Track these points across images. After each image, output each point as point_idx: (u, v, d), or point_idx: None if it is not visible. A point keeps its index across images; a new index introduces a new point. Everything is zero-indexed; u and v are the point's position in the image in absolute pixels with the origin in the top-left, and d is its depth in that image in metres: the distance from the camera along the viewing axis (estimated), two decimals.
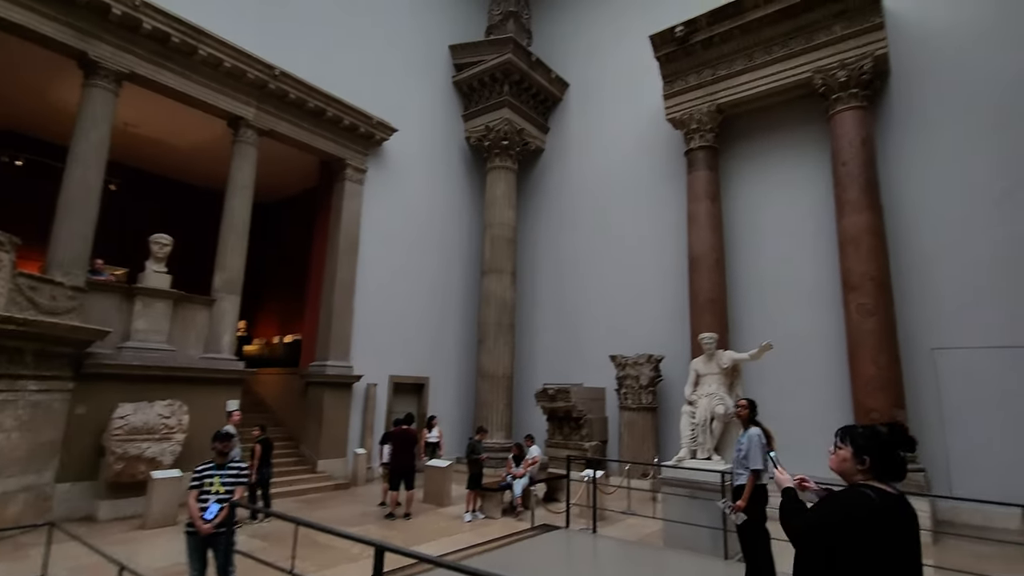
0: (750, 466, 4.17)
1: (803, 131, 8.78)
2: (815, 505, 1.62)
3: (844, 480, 1.67)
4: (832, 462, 1.71)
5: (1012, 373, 6.87)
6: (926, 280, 7.58)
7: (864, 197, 7.52)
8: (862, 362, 7.29)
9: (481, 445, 7.50)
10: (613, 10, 11.82)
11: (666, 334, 9.68)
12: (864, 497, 1.53)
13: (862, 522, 1.47)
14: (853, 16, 7.87)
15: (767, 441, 4.24)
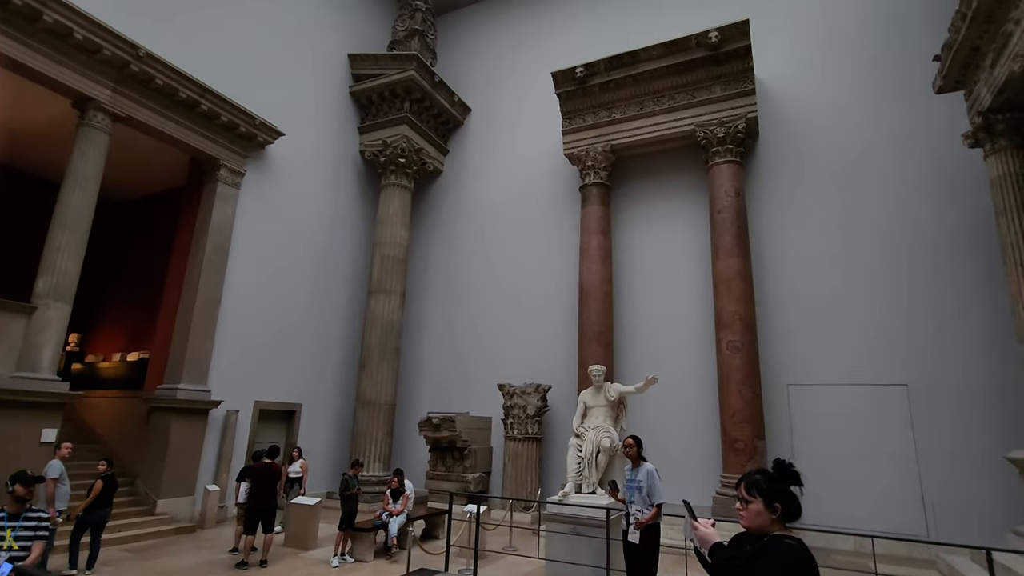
0: (655, 501, 4.34)
1: (687, 177, 9.45)
2: (756, 564, 1.47)
3: (761, 532, 1.57)
4: (745, 519, 1.60)
5: (852, 408, 7.72)
6: (785, 321, 8.37)
7: (736, 243, 8.19)
8: (730, 395, 7.80)
9: (355, 480, 6.87)
10: (513, 41, 12.09)
11: (555, 364, 9.74)
12: (803, 552, 1.46)
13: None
14: (729, 81, 8.68)
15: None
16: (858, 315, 7.94)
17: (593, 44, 10.63)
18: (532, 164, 11.14)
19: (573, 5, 11.64)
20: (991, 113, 6.19)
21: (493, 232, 11.24)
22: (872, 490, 7.39)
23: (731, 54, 8.51)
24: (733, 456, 7.64)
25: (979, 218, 7.28)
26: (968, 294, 7.38)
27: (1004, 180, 6.17)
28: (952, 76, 6.69)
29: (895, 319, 7.73)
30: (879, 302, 7.86)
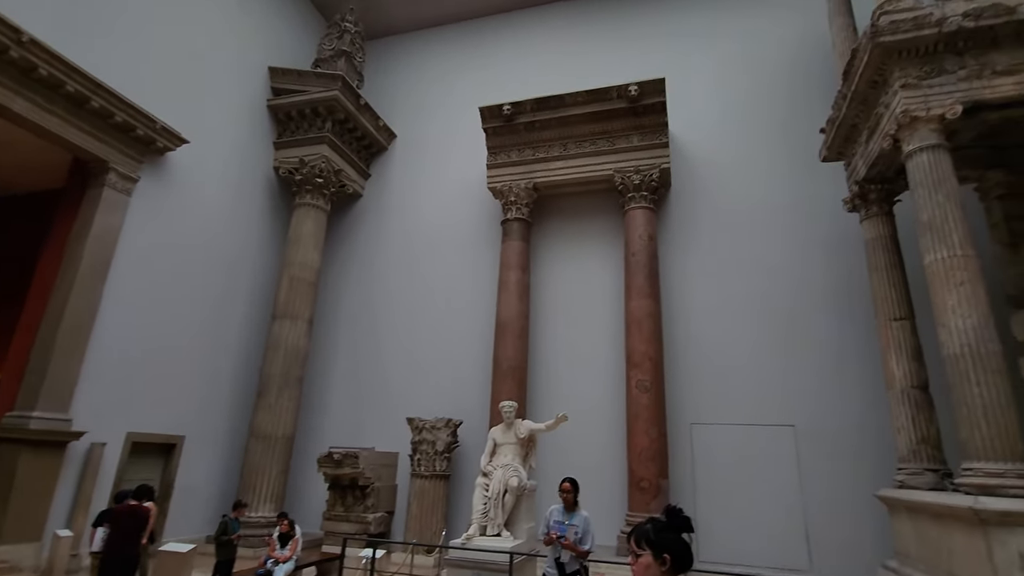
0: (587, 547, 4.30)
1: (604, 219, 9.79)
2: None
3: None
4: (636, 573, 1.57)
5: (748, 447, 8.11)
6: (690, 362, 8.74)
7: (647, 285, 8.53)
8: (637, 434, 7.96)
9: (237, 523, 6.21)
10: (443, 71, 12.19)
11: (468, 399, 9.53)
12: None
13: None
14: (646, 132, 9.19)
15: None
16: (754, 359, 8.45)
17: (522, 82, 10.93)
18: (455, 195, 11.11)
19: (505, 43, 11.96)
20: (865, 183, 6.95)
21: (411, 261, 10.99)
22: (763, 527, 7.73)
23: (648, 108, 9.04)
24: (638, 495, 7.74)
25: (857, 274, 8.04)
26: (848, 343, 8.08)
27: (876, 242, 6.89)
28: (835, 148, 7.47)
29: (785, 364, 8.30)
30: (772, 348, 8.43)
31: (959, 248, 5.22)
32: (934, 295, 5.34)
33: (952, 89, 5.48)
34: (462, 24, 12.45)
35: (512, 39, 11.95)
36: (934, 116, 5.46)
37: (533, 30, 11.86)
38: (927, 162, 5.49)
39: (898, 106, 5.64)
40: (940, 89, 5.51)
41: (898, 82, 5.67)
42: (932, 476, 5.85)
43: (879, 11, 5.78)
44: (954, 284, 5.17)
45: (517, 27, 12.01)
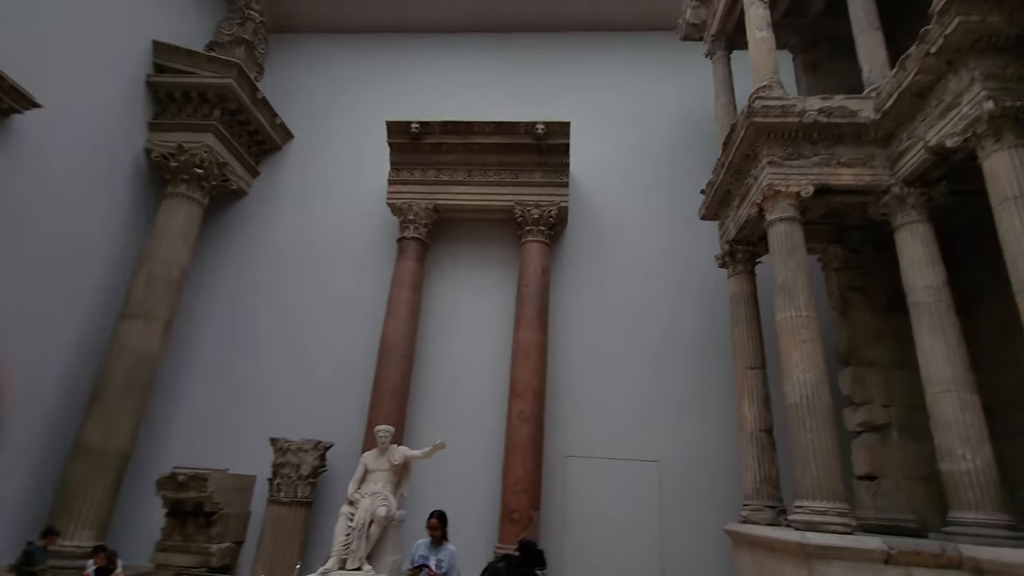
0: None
1: (502, 248, 9.92)
2: None
3: None
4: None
5: (617, 480, 8.44)
6: (570, 395, 9.00)
7: (537, 317, 8.72)
8: (514, 465, 7.98)
9: (45, 553, 5.25)
10: (353, 79, 11.83)
11: (342, 421, 8.99)
12: None
13: None
14: (548, 171, 9.54)
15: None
16: (627, 396, 8.92)
17: (433, 103, 10.89)
18: (352, 206, 10.69)
19: (421, 61, 11.89)
20: (734, 243, 7.73)
21: (296, 269, 10.33)
22: (624, 558, 8.04)
23: (553, 147, 9.42)
24: (509, 526, 7.71)
25: (721, 325, 8.81)
26: (710, 387, 8.79)
27: (739, 297, 7.65)
28: (712, 208, 8.26)
29: (654, 402, 8.85)
30: (643, 387, 8.96)
31: (804, 310, 5.94)
32: (782, 349, 6.00)
33: (807, 171, 6.31)
34: (379, 35, 12.24)
35: (428, 59, 11.94)
36: (792, 192, 6.24)
37: (450, 54, 11.95)
38: (784, 231, 6.23)
39: (764, 179, 6.37)
40: (798, 170, 6.33)
41: (766, 159, 6.43)
42: (771, 512, 6.47)
43: (755, 96, 6.55)
44: (799, 341, 5.85)
45: (434, 48, 12.04)
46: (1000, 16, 4.81)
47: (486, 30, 12.10)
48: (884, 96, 5.98)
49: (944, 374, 5.32)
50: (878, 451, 6.72)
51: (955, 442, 5.10)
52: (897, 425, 6.76)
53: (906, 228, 5.92)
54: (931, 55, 5.20)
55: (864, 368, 7.09)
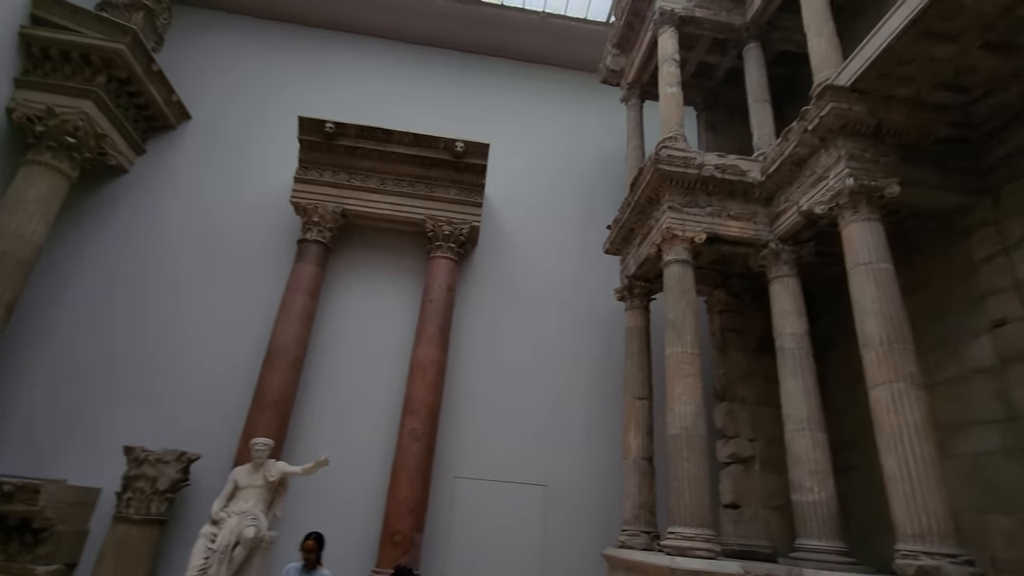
0: None
1: (410, 261, 9.72)
2: None
3: None
4: None
5: (504, 503, 8.44)
6: (465, 415, 8.92)
7: (439, 334, 8.60)
8: (401, 484, 7.72)
9: None
10: (268, 67, 11.21)
11: (215, 431, 8.21)
12: None
13: None
14: (463, 189, 9.56)
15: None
16: (524, 419, 9.02)
17: (353, 106, 10.56)
18: (250, 201, 9.99)
19: (345, 61, 11.53)
20: (633, 279, 8.18)
21: (179, 259, 9.41)
22: None
23: (470, 167, 9.47)
24: (390, 549, 7.41)
25: (616, 355, 9.22)
26: (602, 414, 9.12)
27: (634, 330, 8.07)
28: (616, 244, 8.70)
29: (550, 426, 9.02)
30: (543, 410, 9.11)
31: (690, 347, 6.38)
32: (668, 382, 6.39)
33: (702, 220, 6.85)
34: (302, 28, 11.72)
35: (351, 61, 11.61)
36: (687, 237, 6.74)
37: (375, 59, 11.72)
38: (678, 272, 6.70)
39: (664, 222, 6.83)
40: (694, 217, 6.85)
41: (667, 203, 6.90)
42: (646, 538, 6.78)
43: (661, 144, 7.06)
44: (682, 375, 6.26)
45: (359, 51, 11.75)
46: (863, 107, 5.58)
47: (416, 42, 12.03)
48: (769, 161, 6.69)
49: (801, 413, 5.94)
50: (742, 481, 7.32)
51: (806, 476, 5.68)
52: (760, 458, 7.42)
53: (779, 281, 6.60)
54: (808, 131, 5.91)
55: (736, 404, 7.73)
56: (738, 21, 8.17)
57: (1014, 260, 5.31)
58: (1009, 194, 5.46)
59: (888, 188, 5.47)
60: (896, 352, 4.93)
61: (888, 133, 5.71)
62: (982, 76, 5.29)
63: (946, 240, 6.04)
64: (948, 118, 5.67)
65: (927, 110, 5.64)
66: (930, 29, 4.89)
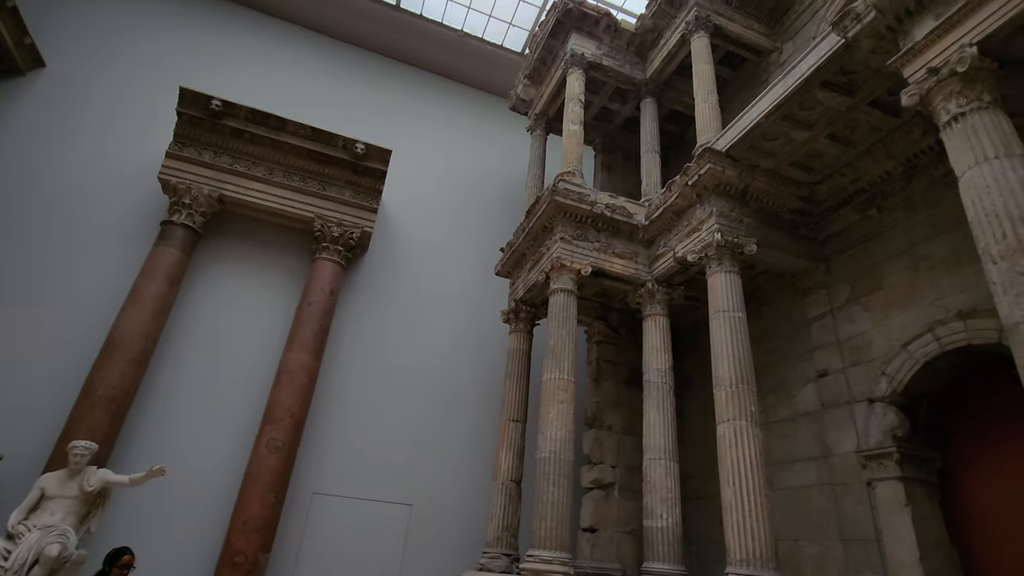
0: None
1: (293, 259, 9.10)
2: None
3: None
4: None
5: (366, 522, 8.04)
6: (335, 428, 8.41)
7: (314, 340, 8.10)
8: (250, 500, 7.06)
9: None
10: (153, 30, 10.12)
11: (23, 427, 6.97)
12: None
13: None
14: (359, 192, 9.21)
15: None
16: (398, 434, 8.72)
17: (250, 87, 9.82)
18: (108, 170, 8.81)
19: (244, 36, 10.75)
20: (520, 303, 8.35)
21: (23, 234, 8.01)
22: None
23: (369, 170, 9.17)
24: (228, 571, 6.71)
25: (498, 376, 9.30)
26: (481, 434, 9.09)
27: (516, 353, 8.21)
28: (507, 266, 8.85)
29: (425, 444, 8.80)
30: (418, 426, 8.88)
31: (567, 374, 6.61)
32: (542, 406, 6.55)
33: (589, 253, 7.20)
34: None
35: (252, 39, 10.87)
36: (575, 268, 7.03)
37: (280, 42, 11.08)
38: (562, 301, 6.95)
39: (555, 252, 7.09)
40: (583, 250, 7.19)
41: (559, 234, 7.17)
42: (506, 560, 6.81)
43: (559, 177, 7.36)
44: (556, 401, 6.45)
45: (271, 35, 11.09)
46: (734, 172, 6.26)
47: (333, 36, 11.61)
48: (653, 208, 7.23)
49: (659, 443, 6.37)
50: (602, 506, 7.66)
51: (657, 503, 6.07)
52: (620, 484, 7.83)
53: (651, 318, 7.10)
54: (688, 186, 6.50)
55: (604, 432, 8.12)
56: (639, 76, 8.84)
57: (838, 320, 6.19)
58: (838, 264, 6.38)
59: (748, 246, 6.14)
60: (742, 393, 5.49)
61: (752, 198, 6.44)
62: (826, 161, 6.19)
63: (789, 297, 6.90)
64: (799, 193, 6.53)
65: (784, 183, 6.46)
66: (790, 114, 5.64)
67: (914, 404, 5.43)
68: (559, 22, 8.77)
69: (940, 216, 5.33)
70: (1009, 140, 3.63)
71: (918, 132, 5.36)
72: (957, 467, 5.32)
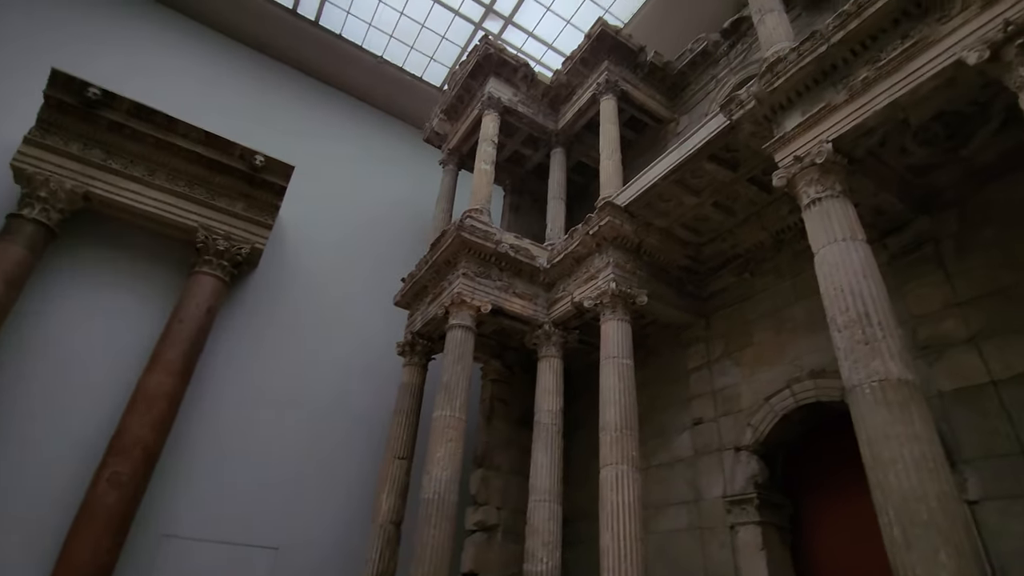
0: None
1: (168, 272, 8.22)
2: None
3: None
4: None
5: (223, 567, 7.21)
6: (195, 463, 7.54)
7: (182, 361, 7.30)
8: (81, 545, 6.08)
9: None
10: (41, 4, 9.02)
11: None
12: None
13: None
14: (254, 206, 8.63)
15: None
16: (271, 471, 8.00)
17: (141, 81, 8.98)
18: None
19: (138, 24, 9.87)
20: (417, 336, 8.16)
21: None
22: None
23: (267, 184, 8.65)
24: None
25: (388, 411, 8.88)
26: (365, 473, 8.56)
27: (408, 387, 7.96)
28: (407, 298, 8.64)
29: (301, 482, 8.15)
30: (295, 463, 8.22)
31: (458, 411, 6.49)
32: (431, 445, 6.35)
33: (490, 291, 7.24)
34: None
35: (157, 35, 10.08)
36: (475, 305, 7.02)
37: (190, 43, 10.45)
38: (460, 337, 6.88)
39: (456, 287, 7.05)
40: (484, 287, 7.21)
41: (462, 269, 7.16)
42: None
43: (467, 214, 7.41)
44: (445, 440, 6.29)
45: (173, 28, 10.37)
46: (631, 227, 6.66)
47: (247, 43, 11.08)
48: (556, 253, 7.47)
49: (545, 485, 6.39)
50: (484, 550, 7.49)
51: (539, 546, 6.04)
52: (503, 527, 7.72)
53: (546, 360, 7.23)
54: (589, 235, 6.81)
55: (492, 472, 8.02)
56: (552, 127, 9.25)
57: (713, 373, 6.68)
58: (717, 320, 6.94)
59: (639, 297, 6.50)
60: (625, 438, 5.69)
61: (645, 252, 6.87)
62: (711, 226, 6.78)
63: (673, 349, 7.36)
64: (687, 252, 7.08)
65: (674, 241, 6.97)
66: (682, 180, 6.14)
67: (773, 453, 5.93)
68: (479, 64, 9.00)
69: (801, 285, 5.99)
70: (854, 226, 4.19)
71: (786, 209, 6.04)
72: (806, 513, 5.85)
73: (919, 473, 3.22)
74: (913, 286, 5.04)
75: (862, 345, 3.71)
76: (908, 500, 3.18)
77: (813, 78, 4.59)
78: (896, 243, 5.28)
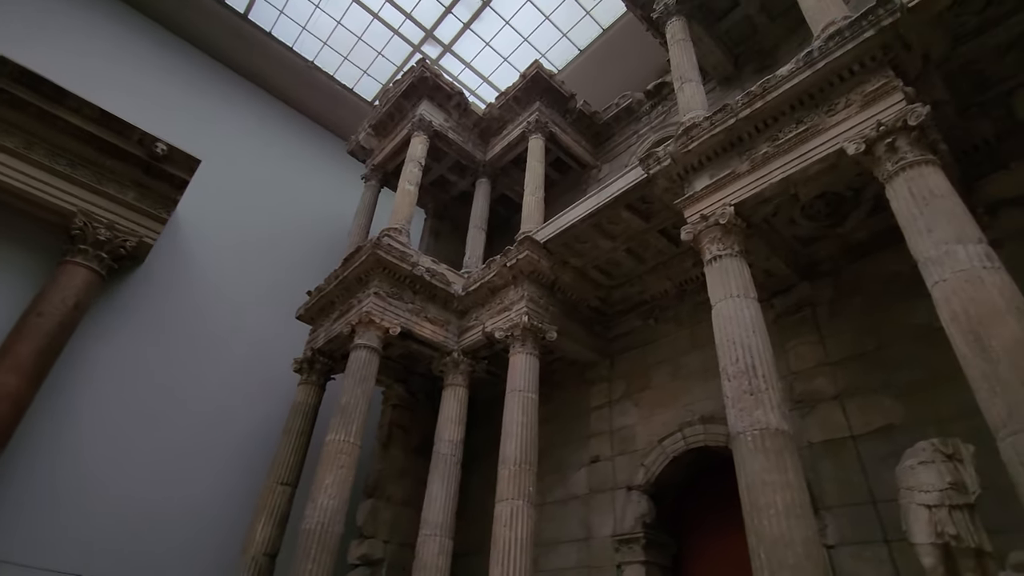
0: None
1: (33, 258, 7.21)
2: None
3: None
4: None
5: None
6: (37, 474, 6.53)
7: (34, 360, 6.33)
8: None
9: None
10: None
11: None
12: None
13: None
14: (147, 196, 7.87)
15: None
16: (121, 496, 7.08)
17: (27, 45, 8.02)
18: None
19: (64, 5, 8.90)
20: (319, 353, 7.72)
21: None
22: None
23: (165, 175, 7.94)
24: None
25: (278, 434, 8.25)
26: (241, 498, 7.80)
27: (300, 406, 7.46)
28: (312, 312, 8.19)
29: (162, 505, 7.29)
30: (159, 485, 7.36)
31: (353, 436, 6.15)
32: (320, 470, 5.94)
33: (401, 314, 7.05)
34: None
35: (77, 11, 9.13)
36: (383, 326, 6.79)
37: (111, 26, 9.60)
38: (364, 358, 6.59)
39: (366, 306, 6.79)
40: (395, 309, 7.01)
41: (374, 288, 6.93)
42: None
43: (385, 232, 7.23)
44: (336, 466, 5.92)
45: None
46: (548, 263, 6.81)
47: (171, 29, 10.39)
48: (471, 281, 7.45)
49: (437, 519, 6.17)
50: None
51: None
52: (389, 561, 7.34)
53: (452, 388, 7.09)
54: (506, 267, 6.87)
55: (383, 502, 7.65)
56: (480, 157, 9.35)
57: (614, 412, 6.88)
58: (621, 362, 7.19)
59: (550, 332, 6.61)
60: (523, 472, 5.67)
61: (559, 289, 7.04)
62: (622, 271, 7.09)
63: (578, 386, 7.51)
64: (598, 293, 7.33)
65: (587, 282, 7.20)
66: (599, 224, 6.40)
67: (662, 494, 6.15)
68: (414, 86, 8.96)
69: (698, 334, 6.38)
70: (747, 284, 4.55)
71: (690, 263, 6.46)
72: (688, 552, 6.09)
73: (788, 520, 3.46)
74: (794, 344, 5.52)
75: (748, 395, 3.98)
76: (778, 545, 3.39)
77: (722, 146, 5.00)
78: (782, 303, 5.79)
